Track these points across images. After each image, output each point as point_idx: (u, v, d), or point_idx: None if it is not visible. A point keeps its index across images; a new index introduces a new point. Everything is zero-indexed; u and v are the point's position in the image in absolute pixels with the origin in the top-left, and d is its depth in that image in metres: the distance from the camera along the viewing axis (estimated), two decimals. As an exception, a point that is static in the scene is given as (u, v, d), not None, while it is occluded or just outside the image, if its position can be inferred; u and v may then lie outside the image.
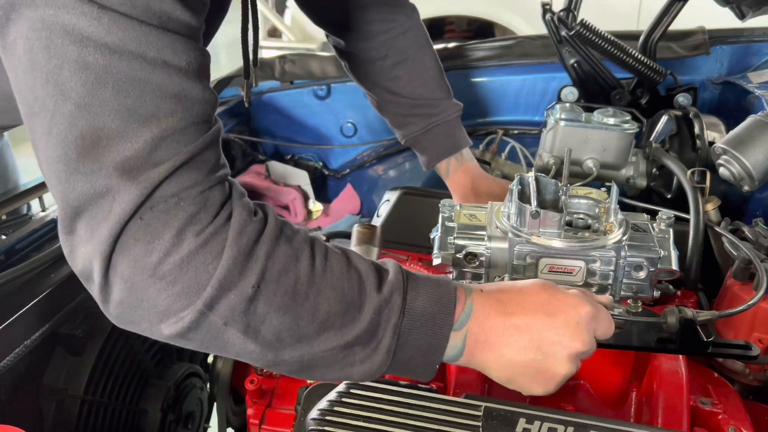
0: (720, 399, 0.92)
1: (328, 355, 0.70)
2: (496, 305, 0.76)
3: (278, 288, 0.67)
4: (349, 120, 2.03)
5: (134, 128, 0.61)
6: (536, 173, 0.90)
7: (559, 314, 0.75)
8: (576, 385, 0.96)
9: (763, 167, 1.07)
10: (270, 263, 0.67)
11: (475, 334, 0.74)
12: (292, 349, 0.69)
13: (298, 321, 0.68)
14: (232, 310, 0.65)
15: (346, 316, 0.70)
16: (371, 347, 0.71)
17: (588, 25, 1.49)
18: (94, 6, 0.58)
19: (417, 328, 0.72)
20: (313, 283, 0.69)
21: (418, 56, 1.34)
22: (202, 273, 0.64)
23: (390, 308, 0.71)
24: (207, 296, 0.64)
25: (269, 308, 0.67)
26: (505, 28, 4.26)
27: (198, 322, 0.65)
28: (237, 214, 0.67)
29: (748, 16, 1.33)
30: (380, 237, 1.15)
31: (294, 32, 4.24)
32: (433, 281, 0.75)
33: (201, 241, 0.64)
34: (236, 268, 0.65)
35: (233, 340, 0.67)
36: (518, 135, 1.88)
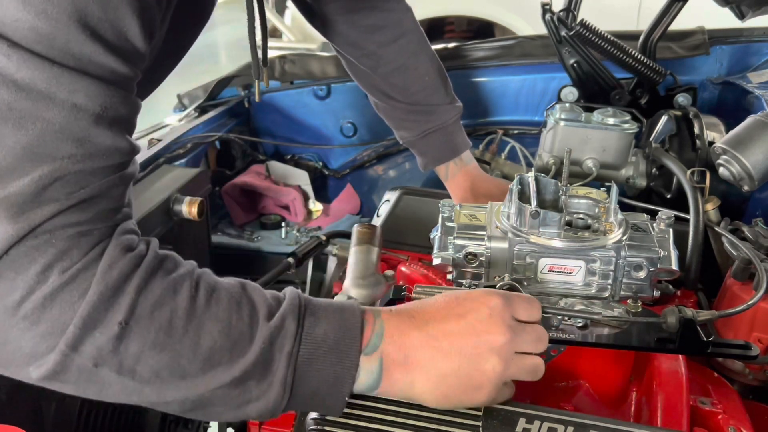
0: (720, 399, 0.92)
1: (218, 394, 0.65)
2: (409, 321, 0.72)
3: (151, 324, 0.62)
4: (349, 120, 2.03)
5: (25, 166, 0.58)
6: (536, 173, 0.90)
7: (469, 313, 0.72)
8: (576, 385, 0.96)
9: (763, 167, 1.07)
10: (141, 298, 0.63)
11: (392, 355, 0.69)
12: (176, 389, 0.64)
13: (178, 359, 0.63)
14: (99, 350, 0.61)
15: (234, 350, 0.65)
16: (266, 381, 0.66)
17: (588, 25, 1.50)
18: (4, 42, 0.56)
19: (318, 357, 0.67)
20: (194, 317, 0.64)
21: (412, 63, 1.31)
22: (66, 311, 0.60)
23: (283, 336, 0.66)
24: (70, 336, 0.60)
25: (142, 346, 0.62)
26: (505, 28, 4.26)
27: (64, 365, 0.61)
28: (111, 248, 0.63)
29: (747, 16, 1.33)
30: (380, 237, 1.15)
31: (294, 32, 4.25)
32: (335, 306, 0.71)
33: (67, 278, 0.60)
34: (102, 304, 0.61)
35: (109, 380, 0.63)
36: (518, 135, 1.88)
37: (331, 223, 1.97)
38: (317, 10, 1.30)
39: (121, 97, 0.63)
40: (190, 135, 1.77)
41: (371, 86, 1.35)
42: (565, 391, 0.95)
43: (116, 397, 0.65)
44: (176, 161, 1.66)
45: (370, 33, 1.29)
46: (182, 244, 1.42)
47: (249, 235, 1.91)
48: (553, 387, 0.96)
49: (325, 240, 1.33)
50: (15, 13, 0.55)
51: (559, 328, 0.86)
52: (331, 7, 1.28)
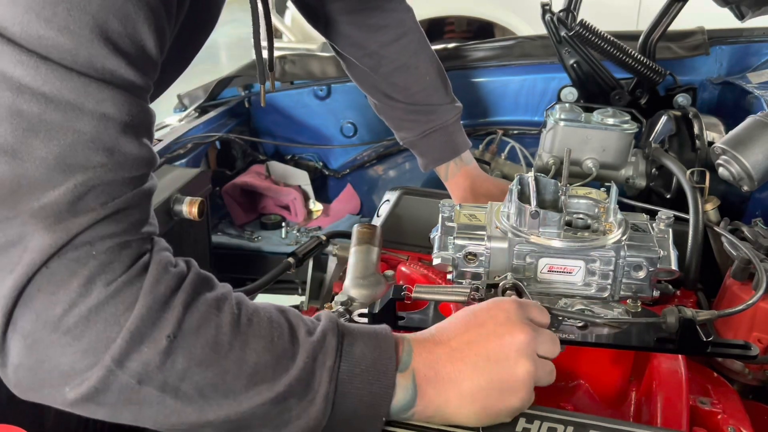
0: (719, 399, 0.92)
1: (259, 412, 0.64)
2: (431, 339, 0.72)
3: (198, 339, 0.62)
4: (349, 120, 2.03)
5: (58, 177, 0.58)
6: (536, 173, 0.90)
7: (487, 320, 0.72)
8: (576, 385, 0.96)
9: (763, 167, 1.07)
10: (188, 313, 0.63)
11: (423, 372, 0.69)
12: (218, 407, 0.63)
13: (224, 375, 0.63)
14: (145, 365, 0.60)
15: (278, 367, 0.65)
16: (308, 398, 0.65)
17: (587, 26, 1.50)
18: (33, 56, 0.56)
19: (357, 375, 0.67)
20: (238, 333, 0.64)
21: (413, 62, 1.32)
22: (111, 326, 0.59)
23: (324, 351, 0.67)
24: (116, 351, 0.59)
25: (189, 362, 0.62)
26: (505, 28, 4.26)
27: (107, 382, 0.60)
28: (154, 263, 0.63)
29: (747, 16, 1.33)
30: (380, 237, 1.15)
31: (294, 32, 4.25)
32: (368, 328, 0.71)
33: (111, 291, 0.60)
34: (150, 318, 0.60)
35: (149, 400, 0.62)
36: (518, 135, 1.88)
37: (331, 223, 1.97)
38: (319, 10, 1.30)
39: (142, 106, 0.64)
40: (190, 135, 1.77)
41: (371, 87, 1.35)
42: (565, 391, 0.95)
43: (153, 419, 0.64)
44: (176, 161, 1.66)
45: (372, 32, 1.30)
46: (182, 244, 1.42)
47: (249, 235, 1.91)
48: (553, 387, 0.96)
49: (325, 240, 1.33)
50: (39, 30, 0.56)
51: (559, 328, 0.86)
52: (334, 7, 1.28)
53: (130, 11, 0.60)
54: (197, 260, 0.72)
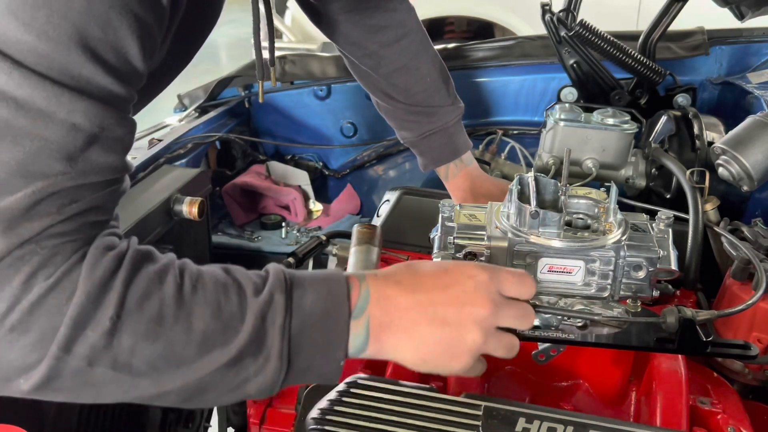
0: (719, 399, 0.92)
1: (216, 376, 0.66)
2: (395, 286, 0.73)
3: (142, 315, 0.63)
4: (349, 120, 2.03)
5: (17, 182, 0.58)
6: (536, 173, 0.90)
7: (455, 284, 0.73)
8: (575, 385, 0.96)
9: (762, 167, 1.07)
10: (129, 291, 0.63)
11: (378, 318, 0.71)
12: (173, 377, 0.65)
13: (173, 346, 0.64)
14: (92, 348, 0.61)
15: (228, 331, 0.66)
16: (262, 357, 0.66)
17: (587, 26, 1.50)
18: (7, 61, 0.56)
19: (309, 326, 0.68)
20: (182, 304, 0.65)
21: (414, 64, 1.32)
22: (54, 316, 0.60)
23: (273, 309, 0.67)
24: (61, 338, 0.60)
25: (135, 338, 0.62)
26: (505, 29, 4.26)
27: (57, 369, 0.61)
28: (92, 250, 0.63)
29: (747, 16, 1.34)
30: (380, 237, 1.15)
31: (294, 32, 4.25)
32: (319, 276, 0.72)
33: (52, 283, 0.60)
34: (90, 302, 0.61)
35: (104, 379, 0.63)
36: (518, 135, 1.88)
37: (331, 223, 1.97)
38: (320, 8, 1.30)
39: (118, 117, 0.63)
40: (190, 135, 1.77)
41: (372, 86, 1.36)
42: (564, 391, 0.95)
43: (113, 395, 0.65)
44: (177, 161, 1.66)
45: (372, 33, 1.30)
46: (182, 244, 1.42)
47: (249, 235, 1.91)
48: (553, 387, 0.96)
49: (325, 240, 1.33)
50: (16, 34, 0.56)
51: (559, 328, 0.86)
52: (335, 6, 1.28)
53: (112, 18, 0.59)
54: (197, 260, 0.72)
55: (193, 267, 0.69)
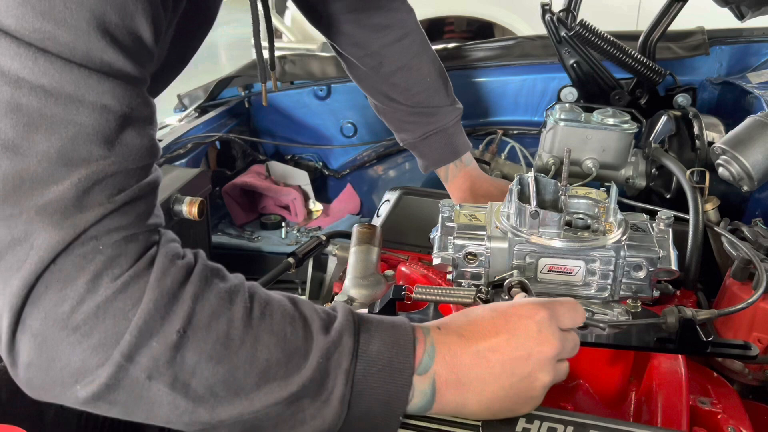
0: (719, 398, 0.92)
1: (272, 412, 0.63)
2: (458, 341, 0.70)
3: (209, 334, 0.61)
4: (349, 120, 2.03)
5: (61, 171, 0.57)
6: (536, 173, 0.90)
7: (519, 329, 0.70)
8: (576, 385, 0.96)
9: (762, 167, 1.07)
10: (198, 307, 0.61)
11: (444, 377, 0.68)
12: (229, 406, 0.62)
13: (234, 372, 0.62)
14: (155, 361, 0.59)
15: (290, 365, 0.63)
16: (321, 399, 0.64)
17: (587, 26, 1.50)
18: (30, 48, 0.55)
19: (373, 374, 0.66)
20: (250, 328, 0.63)
21: (415, 64, 1.31)
22: (120, 321, 0.58)
23: (340, 352, 0.65)
24: (125, 345, 0.58)
25: (199, 357, 0.60)
26: (505, 28, 4.26)
27: (117, 378, 0.59)
28: (161, 256, 0.62)
29: (747, 16, 1.34)
30: (380, 237, 1.15)
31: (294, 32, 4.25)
32: (387, 322, 0.69)
33: (119, 286, 0.59)
34: (158, 312, 0.59)
35: (160, 397, 0.61)
36: (518, 135, 1.88)
37: (331, 223, 1.97)
38: (321, 9, 1.30)
39: (143, 97, 0.63)
40: (190, 135, 1.77)
41: (372, 87, 1.35)
42: (565, 391, 0.95)
43: (166, 417, 0.63)
44: (176, 161, 1.66)
45: (375, 32, 1.29)
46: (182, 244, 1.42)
47: (249, 235, 1.91)
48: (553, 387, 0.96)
49: (325, 240, 1.33)
50: (34, 23, 0.55)
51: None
52: (337, 6, 1.28)
53: (127, 3, 0.59)
54: (197, 260, 0.71)
55: (263, 292, 0.67)
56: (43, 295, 0.57)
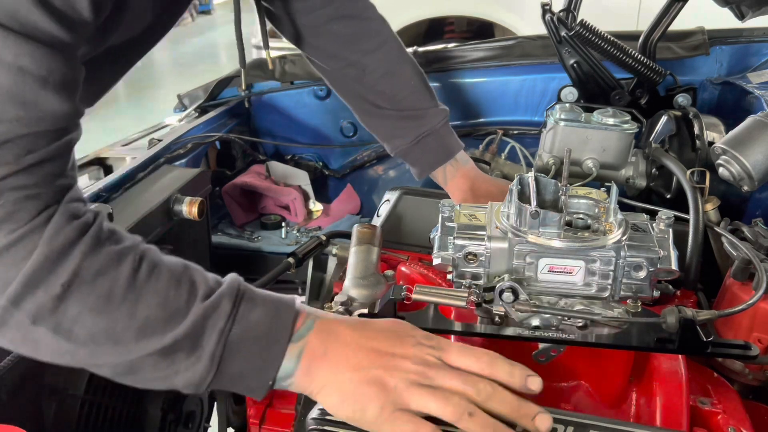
0: (719, 399, 0.92)
1: (149, 362, 0.69)
2: (343, 324, 0.75)
3: (92, 289, 0.66)
4: (349, 120, 2.03)
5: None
6: (536, 173, 0.90)
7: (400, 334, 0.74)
8: (576, 385, 0.96)
9: (763, 167, 1.07)
10: (85, 264, 0.66)
11: (313, 349, 0.72)
12: (108, 354, 0.68)
13: (114, 325, 0.67)
14: (39, 308, 0.65)
15: (169, 323, 0.69)
16: (195, 355, 0.69)
17: (588, 26, 1.50)
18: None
19: (249, 339, 0.71)
20: (133, 288, 0.68)
21: (398, 69, 1.31)
22: (10, 270, 0.64)
23: (217, 314, 0.70)
24: (12, 292, 0.64)
25: (81, 308, 0.66)
26: (505, 28, 4.26)
27: (3, 319, 0.65)
28: (58, 214, 0.66)
29: (747, 16, 1.34)
30: (380, 237, 1.15)
31: (294, 32, 4.24)
32: (274, 298, 0.74)
33: (13, 239, 0.64)
34: (46, 265, 0.64)
35: (44, 339, 0.67)
36: (518, 135, 1.88)
37: (331, 223, 1.97)
38: (294, 23, 1.30)
39: (65, 62, 0.65)
40: (190, 135, 1.77)
41: (358, 97, 1.34)
42: (565, 391, 0.95)
43: (49, 355, 0.69)
44: (176, 161, 1.66)
45: (352, 43, 1.29)
46: (182, 244, 1.42)
47: (249, 235, 1.91)
48: (553, 387, 0.96)
49: (325, 240, 1.33)
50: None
51: (559, 328, 0.86)
52: (309, 18, 1.28)
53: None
54: (197, 260, 0.73)
55: (155, 256, 0.72)
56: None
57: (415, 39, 4.10)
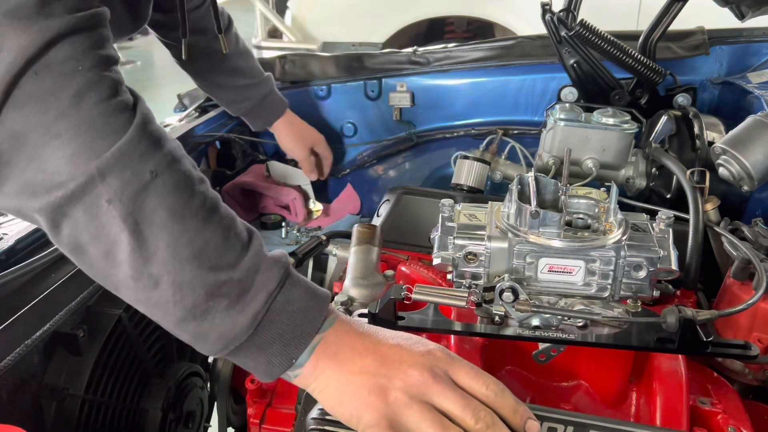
0: (719, 399, 0.92)
1: (194, 294, 0.66)
2: (361, 329, 0.74)
3: (174, 191, 0.65)
4: (349, 120, 2.03)
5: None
6: (536, 173, 0.90)
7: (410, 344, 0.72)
8: (576, 385, 0.96)
9: (763, 167, 1.07)
10: (173, 165, 0.66)
11: (327, 344, 0.71)
12: (162, 262, 0.65)
13: (180, 235, 0.65)
14: (123, 187, 0.62)
15: (224, 257, 0.67)
16: (240, 305, 0.67)
17: (588, 26, 1.50)
18: None
19: (287, 312, 0.69)
20: (204, 208, 0.67)
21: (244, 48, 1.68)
22: (102, 140, 0.62)
23: (268, 275, 0.69)
24: (104, 161, 0.62)
25: (159, 204, 0.64)
26: (505, 28, 4.26)
27: (83, 191, 0.62)
28: (143, 108, 0.67)
29: (747, 16, 1.34)
30: (380, 237, 1.15)
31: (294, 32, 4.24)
32: (311, 283, 0.74)
33: (103, 110, 0.63)
34: (140, 145, 0.64)
35: (109, 226, 0.63)
36: (518, 135, 1.87)
37: (331, 223, 1.97)
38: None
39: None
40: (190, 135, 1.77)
41: (217, 71, 1.66)
42: (565, 391, 0.95)
43: (106, 247, 0.65)
44: (176, 161, 1.66)
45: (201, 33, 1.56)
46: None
47: (249, 234, 1.90)
48: (553, 387, 0.96)
49: (325, 240, 1.33)
50: None
51: (559, 328, 0.86)
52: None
53: None
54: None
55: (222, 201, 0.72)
56: (25, 102, 0.60)
57: (415, 39, 4.10)
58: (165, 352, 1.27)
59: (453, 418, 0.68)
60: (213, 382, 1.24)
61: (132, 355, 1.16)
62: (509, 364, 0.97)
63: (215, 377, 1.21)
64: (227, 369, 1.19)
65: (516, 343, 0.92)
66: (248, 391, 1.03)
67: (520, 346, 0.93)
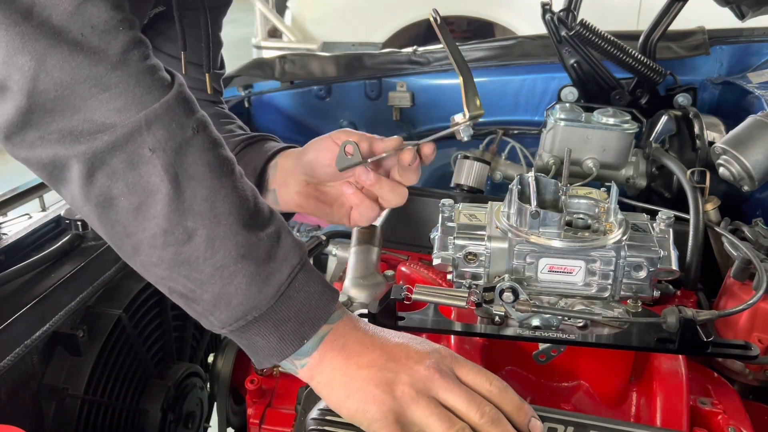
0: (720, 399, 0.92)
1: (226, 245, 0.66)
2: (366, 326, 0.75)
3: (211, 149, 0.68)
4: (349, 120, 2.03)
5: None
6: (536, 173, 0.90)
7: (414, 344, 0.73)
8: (576, 385, 0.96)
9: (763, 167, 1.07)
10: (208, 127, 0.69)
11: (335, 336, 0.72)
12: (197, 215, 0.65)
13: (217, 190, 0.67)
14: (168, 138, 0.64)
15: (256, 219, 0.69)
16: (265, 272, 0.68)
17: (588, 25, 1.49)
18: None
19: (304, 292, 0.70)
20: (234, 171, 0.70)
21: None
22: (150, 93, 0.64)
23: (292, 250, 0.71)
24: (152, 112, 0.64)
25: (198, 158, 0.66)
26: (505, 28, 4.26)
27: (129, 137, 0.63)
28: (179, 76, 0.69)
29: (747, 16, 1.34)
30: (380, 237, 1.15)
31: (294, 32, 4.24)
32: (323, 276, 0.75)
33: (148, 67, 0.65)
34: (183, 104, 0.66)
35: (148, 175, 0.64)
36: (518, 135, 1.87)
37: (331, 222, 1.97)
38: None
39: None
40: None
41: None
42: (565, 391, 0.95)
43: (142, 196, 0.65)
44: (176, 161, 1.66)
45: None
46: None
47: (249, 235, 1.90)
48: (554, 387, 0.96)
49: (325, 240, 1.33)
50: None
51: (560, 328, 0.86)
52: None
53: None
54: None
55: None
56: (73, 53, 0.61)
57: (415, 39, 4.10)
58: (165, 353, 1.27)
59: (458, 413, 0.68)
60: (212, 383, 1.24)
61: (132, 356, 1.16)
62: (509, 364, 0.96)
63: (215, 377, 1.21)
64: (227, 369, 1.19)
65: (516, 344, 0.92)
66: (248, 391, 1.03)
67: (521, 347, 0.93)
